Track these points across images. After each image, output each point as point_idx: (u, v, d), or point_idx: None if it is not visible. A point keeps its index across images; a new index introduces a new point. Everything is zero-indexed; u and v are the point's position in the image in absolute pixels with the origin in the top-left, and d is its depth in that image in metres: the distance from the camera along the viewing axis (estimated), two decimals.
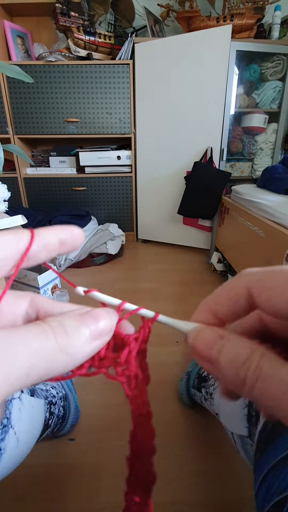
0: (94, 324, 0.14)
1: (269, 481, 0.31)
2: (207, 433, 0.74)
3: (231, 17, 1.65)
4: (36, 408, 0.55)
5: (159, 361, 0.99)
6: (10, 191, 1.06)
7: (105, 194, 2.05)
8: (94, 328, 0.14)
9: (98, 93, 1.80)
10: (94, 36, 1.72)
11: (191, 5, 1.70)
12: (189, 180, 1.73)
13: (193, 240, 1.99)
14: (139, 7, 1.79)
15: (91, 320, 0.14)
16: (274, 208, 1.08)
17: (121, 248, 1.90)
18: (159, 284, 1.53)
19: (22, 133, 1.88)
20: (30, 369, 0.11)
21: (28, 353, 0.11)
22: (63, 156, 2.00)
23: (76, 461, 0.68)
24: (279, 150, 1.88)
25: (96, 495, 0.62)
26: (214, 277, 1.61)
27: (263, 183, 1.41)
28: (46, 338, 0.12)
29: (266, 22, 1.78)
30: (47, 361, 0.12)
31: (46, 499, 0.61)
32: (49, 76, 1.75)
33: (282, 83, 1.71)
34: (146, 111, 1.82)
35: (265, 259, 1.07)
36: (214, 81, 1.61)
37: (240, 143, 1.88)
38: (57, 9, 1.59)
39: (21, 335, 0.12)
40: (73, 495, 0.62)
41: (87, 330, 0.13)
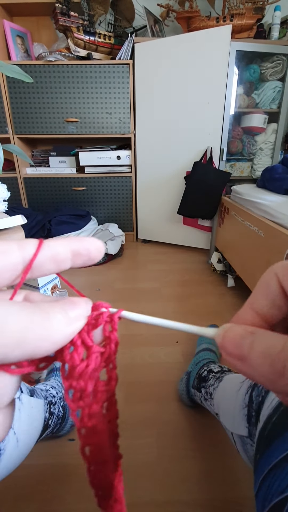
0: (71, 306, 0.14)
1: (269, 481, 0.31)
2: (207, 433, 0.74)
3: (231, 17, 1.65)
4: (36, 408, 0.55)
5: (159, 361, 0.99)
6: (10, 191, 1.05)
7: (105, 194, 2.05)
8: (70, 310, 0.14)
9: (98, 93, 1.80)
10: (94, 36, 1.72)
11: (191, 5, 1.70)
12: (189, 180, 1.73)
13: (193, 240, 1.99)
14: (139, 7, 1.79)
15: (68, 303, 0.14)
16: (274, 208, 1.08)
17: (121, 248, 1.90)
18: (159, 284, 1.53)
19: (22, 133, 1.88)
20: (20, 342, 0.12)
21: (21, 326, 0.12)
22: (63, 156, 2.00)
23: (76, 461, 0.68)
24: (279, 150, 1.88)
25: None
26: (214, 277, 1.61)
27: (263, 183, 1.41)
28: (25, 313, 0.12)
29: (266, 22, 1.78)
30: (22, 333, 0.12)
31: (46, 499, 0.61)
32: (49, 76, 1.75)
33: (282, 83, 1.71)
34: (146, 111, 1.82)
35: (265, 259, 1.07)
36: (214, 81, 1.61)
37: (240, 143, 1.88)
38: (57, 9, 1.59)
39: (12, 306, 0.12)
40: (73, 495, 0.62)
41: (63, 310, 0.14)
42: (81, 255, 0.16)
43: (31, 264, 0.14)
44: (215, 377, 0.70)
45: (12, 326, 0.11)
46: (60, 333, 0.13)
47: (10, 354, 0.12)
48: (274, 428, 0.35)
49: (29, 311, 0.12)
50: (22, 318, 0.12)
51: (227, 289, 1.47)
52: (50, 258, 0.15)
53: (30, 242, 0.15)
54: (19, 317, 0.12)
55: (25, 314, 0.12)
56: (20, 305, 0.12)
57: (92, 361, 0.14)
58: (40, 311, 0.13)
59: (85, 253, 0.16)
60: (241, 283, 1.35)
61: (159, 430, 0.76)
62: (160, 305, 1.34)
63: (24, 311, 0.12)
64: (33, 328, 0.12)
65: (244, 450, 0.48)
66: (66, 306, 0.14)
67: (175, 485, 0.64)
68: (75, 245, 0.15)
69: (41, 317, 0.12)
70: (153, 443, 0.72)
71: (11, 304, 0.12)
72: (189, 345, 1.05)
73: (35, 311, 0.13)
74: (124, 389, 0.87)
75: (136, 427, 0.76)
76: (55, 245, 0.15)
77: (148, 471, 0.66)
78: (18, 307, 0.12)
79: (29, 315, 0.12)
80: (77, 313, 0.14)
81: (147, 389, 0.88)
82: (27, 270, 0.14)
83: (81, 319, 0.14)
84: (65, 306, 0.14)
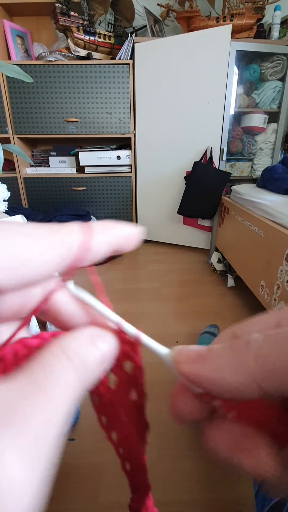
0: (104, 345, 0.13)
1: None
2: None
3: (231, 17, 1.65)
4: None
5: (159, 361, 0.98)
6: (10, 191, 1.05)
7: (105, 194, 2.05)
8: (105, 351, 0.13)
9: (98, 93, 1.80)
10: (94, 36, 1.72)
11: (191, 5, 1.70)
12: (189, 180, 1.73)
13: (193, 240, 1.99)
14: (139, 7, 1.79)
15: (101, 342, 0.13)
16: (274, 208, 1.08)
17: None
18: (159, 284, 1.53)
19: (22, 133, 1.88)
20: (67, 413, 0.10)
21: (60, 405, 0.10)
22: (63, 156, 2.00)
23: (76, 461, 0.68)
24: (279, 150, 1.88)
25: (96, 495, 0.62)
26: (214, 277, 1.61)
27: (263, 183, 1.41)
28: (69, 378, 0.11)
29: (266, 22, 1.78)
30: (71, 401, 0.11)
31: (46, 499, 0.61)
32: (49, 76, 1.75)
33: (282, 83, 1.71)
34: (146, 111, 1.82)
35: (265, 259, 1.07)
36: (214, 81, 1.61)
37: (240, 143, 1.88)
38: (57, 8, 1.59)
39: (47, 389, 0.10)
40: (73, 495, 0.62)
41: (98, 354, 0.12)
42: (124, 244, 0.14)
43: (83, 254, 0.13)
44: None
45: None
46: (91, 380, 0.12)
47: None
48: None
49: None
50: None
51: (227, 289, 1.47)
52: (106, 249, 0.14)
53: (73, 233, 0.13)
54: None
55: None
56: None
57: (121, 390, 0.14)
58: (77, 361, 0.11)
59: (125, 245, 0.14)
60: (241, 283, 1.35)
61: (159, 430, 0.76)
62: (160, 305, 1.34)
63: None
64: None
65: None
66: (97, 341, 0.13)
67: (175, 485, 0.64)
68: (122, 235, 0.14)
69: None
70: (153, 443, 0.72)
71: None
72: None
73: None
74: None
75: None
76: (100, 241, 0.13)
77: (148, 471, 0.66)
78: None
79: None
80: (108, 348, 0.13)
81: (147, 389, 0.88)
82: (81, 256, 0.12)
83: (112, 356, 0.13)
84: (96, 342, 0.13)
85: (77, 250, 0.12)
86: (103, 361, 0.12)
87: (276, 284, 0.97)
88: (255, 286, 1.15)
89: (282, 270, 0.94)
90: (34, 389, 0.10)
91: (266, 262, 1.06)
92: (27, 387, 0.10)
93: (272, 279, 1.00)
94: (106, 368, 0.13)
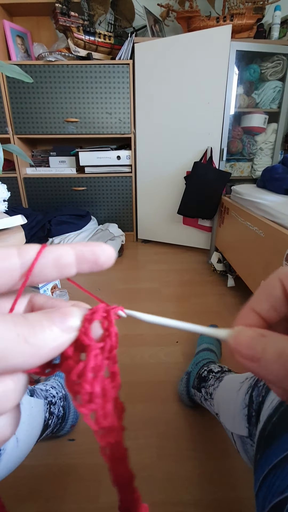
0: (60, 318, 0.13)
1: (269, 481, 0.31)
2: (207, 433, 0.74)
3: (231, 17, 1.65)
4: (36, 408, 0.55)
5: (159, 361, 0.99)
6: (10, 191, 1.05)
7: (105, 194, 2.05)
8: (59, 323, 0.13)
9: (98, 93, 1.80)
10: (94, 36, 1.72)
11: (191, 5, 1.70)
12: (189, 180, 1.73)
13: (193, 240, 1.99)
14: (139, 7, 1.79)
15: (58, 315, 0.13)
16: (274, 208, 1.08)
17: (121, 248, 1.90)
18: (158, 284, 1.53)
19: (22, 133, 1.88)
20: (1, 357, 0.11)
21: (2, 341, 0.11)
22: (63, 156, 2.00)
23: (76, 461, 0.68)
24: (279, 150, 1.88)
25: (96, 495, 0.62)
26: (214, 277, 1.61)
27: (263, 183, 1.41)
28: (5, 327, 0.12)
29: (266, 22, 1.78)
30: (18, 352, 0.12)
31: (46, 499, 0.61)
32: (49, 76, 1.75)
33: (282, 83, 1.71)
34: (146, 111, 1.82)
35: (265, 259, 1.07)
36: (214, 81, 1.61)
37: (240, 143, 1.88)
38: (57, 9, 1.59)
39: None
40: (73, 495, 0.62)
41: (51, 324, 0.13)
42: (87, 260, 0.15)
43: (31, 270, 0.14)
44: (215, 377, 0.70)
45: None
46: (46, 348, 0.12)
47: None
48: (274, 428, 0.35)
49: (12, 324, 0.12)
50: (3, 332, 0.11)
51: (227, 289, 1.47)
52: (52, 263, 0.14)
53: (31, 247, 0.14)
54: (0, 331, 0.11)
55: (6, 328, 0.12)
56: (2, 318, 0.12)
57: (91, 359, 0.14)
58: (26, 324, 0.12)
59: (91, 258, 0.15)
60: (241, 283, 1.35)
61: (159, 430, 0.76)
62: (160, 305, 1.34)
63: (6, 325, 0.12)
64: (17, 342, 0.12)
65: (244, 450, 0.48)
66: (55, 318, 0.13)
67: (175, 485, 0.64)
68: (79, 249, 0.15)
69: (27, 331, 0.12)
70: (153, 443, 0.72)
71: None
72: (189, 345, 1.05)
73: (20, 323, 0.12)
74: (124, 389, 0.87)
75: (136, 427, 0.76)
76: (56, 249, 0.14)
77: (148, 471, 0.66)
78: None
79: (12, 329, 0.12)
80: (67, 325, 0.13)
81: (147, 389, 0.88)
82: (27, 276, 0.14)
83: (71, 332, 0.14)
84: (54, 318, 0.13)
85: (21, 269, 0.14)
86: (61, 331, 0.13)
87: None
88: (255, 286, 1.15)
89: None
90: None
91: (266, 262, 1.06)
92: None
93: None
94: (68, 338, 0.13)
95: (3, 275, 0.14)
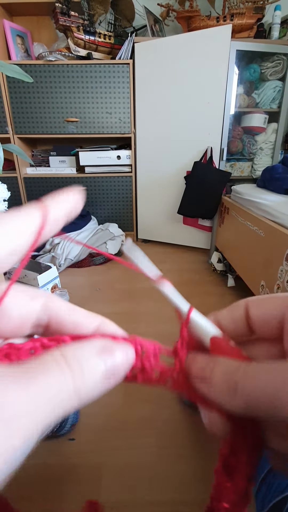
0: (111, 360, 0.12)
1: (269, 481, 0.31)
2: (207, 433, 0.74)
3: (231, 16, 1.64)
4: None
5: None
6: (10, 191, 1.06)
7: (105, 194, 2.05)
8: (110, 365, 0.12)
9: (98, 92, 1.80)
10: (94, 35, 1.72)
11: (191, 5, 1.69)
12: (189, 180, 1.73)
13: (193, 240, 1.99)
14: (139, 6, 1.79)
15: (108, 355, 0.12)
16: (274, 208, 1.08)
17: (121, 248, 1.90)
18: None
19: (22, 133, 1.88)
20: (45, 419, 0.09)
21: (46, 400, 0.09)
22: (63, 156, 2.00)
23: (76, 461, 0.68)
24: (279, 150, 1.88)
25: (96, 495, 0.62)
26: (214, 277, 1.61)
27: (263, 183, 1.41)
28: (64, 380, 0.10)
29: (266, 22, 1.78)
30: (61, 407, 0.10)
31: (46, 499, 0.61)
32: (49, 76, 1.75)
33: (282, 83, 1.71)
34: (146, 111, 1.81)
35: (265, 259, 1.06)
36: (214, 81, 1.61)
37: (240, 143, 1.88)
38: (57, 8, 1.59)
39: (37, 378, 0.10)
40: (73, 495, 0.62)
41: (104, 367, 0.12)
42: (71, 214, 0.15)
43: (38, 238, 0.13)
44: None
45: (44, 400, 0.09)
46: (90, 397, 0.11)
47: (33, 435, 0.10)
48: None
49: (70, 376, 0.10)
50: (61, 386, 0.10)
51: (227, 289, 1.47)
52: (54, 224, 0.14)
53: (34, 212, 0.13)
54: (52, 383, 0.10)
55: (63, 380, 0.10)
56: (53, 366, 0.10)
57: None
58: (82, 375, 0.11)
59: (74, 210, 0.15)
60: (241, 283, 1.35)
61: (159, 430, 0.76)
62: (160, 305, 1.34)
63: (63, 375, 0.10)
64: (72, 399, 0.10)
65: None
66: (104, 355, 0.12)
67: (175, 484, 0.64)
68: (65, 206, 0.14)
69: (82, 383, 0.10)
70: (153, 443, 0.72)
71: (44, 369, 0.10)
72: None
73: (74, 373, 0.10)
74: (124, 389, 0.87)
75: (136, 427, 0.76)
76: (55, 211, 0.14)
77: (148, 471, 0.66)
78: (51, 373, 0.10)
79: (70, 382, 0.10)
80: (119, 372, 0.12)
81: (147, 389, 0.88)
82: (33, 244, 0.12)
83: (121, 376, 0.12)
84: (103, 355, 0.12)
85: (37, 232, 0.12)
86: (109, 376, 0.12)
87: (276, 284, 0.97)
88: (255, 286, 1.15)
89: (282, 270, 0.94)
90: (24, 375, 0.09)
91: (266, 262, 1.06)
92: (17, 372, 0.09)
93: (272, 279, 1.00)
94: (114, 383, 0.12)
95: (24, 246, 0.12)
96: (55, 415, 0.10)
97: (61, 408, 0.10)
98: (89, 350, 0.12)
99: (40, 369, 0.10)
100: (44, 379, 0.10)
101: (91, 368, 0.11)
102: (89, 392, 0.11)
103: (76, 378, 0.10)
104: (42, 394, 0.09)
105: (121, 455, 0.69)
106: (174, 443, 0.72)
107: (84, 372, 0.11)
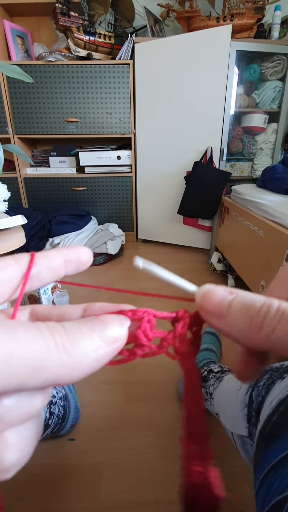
0: (101, 327, 0.13)
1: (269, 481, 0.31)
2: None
3: (231, 17, 1.65)
4: None
5: (159, 361, 0.99)
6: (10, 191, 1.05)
7: (105, 194, 2.05)
8: (100, 331, 0.12)
9: (98, 93, 1.80)
10: (94, 36, 1.72)
11: (191, 5, 1.70)
12: (189, 180, 1.73)
13: (193, 240, 1.99)
14: (139, 7, 1.79)
15: (98, 323, 0.13)
16: (274, 208, 1.08)
17: (121, 248, 1.90)
18: (158, 284, 1.52)
19: (22, 133, 1.88)
20: (35, 372, 0.10)
21: (21, 355, 0.10)
22: (63, 156, 2.00)
23: (76, 461, 0.68)
24: (279, 150, 1.88)
25: (96, 495, 0.62)
26: (214, 277, 1.61)
27: (263, 183, 1.41)
28: (40, 336, 0.11)
29: (266, 22, 1.78)
30: (37, 360, 0.10)
31: (46, 499, 0.61)
32: (49, 76, 1.75)
33: (282, 83, 1.71)
34: (146, 111, 1.82)
35: (265, 259, 1.06)
36: (214, 81, 1.61)
37: (240, 143, 1.88)
38: (57, 9, 1.59)
39: (8, 328, 0.10)
40: (73, 495, 0.62)
41: (91, 332, 0.12)
42: (72, 260, 0.16)
43: (28, 273, 0.15)
44: (215, 377, 0.70)
45: (19, 355, 0.10)
46: (87, 359, 0.11)
47: (27, 382, 0.10)
48: (274, 428, 0.35)
49: (48, 333, 0.11)
50: (39, 342, 0.10)
51: None
52: (46, 267, 0.15)
53: (23, 255, 0.15)
54: (28, 342, 0.10)
55: (42, 337, 0.11)
56: (36, 327, 0.11)
57: None
58: (64, 333, 0.11)
59: (75, 258, 0.17)
60: (241, 283, 1.34)
61: (159, 430, 0.76)
62: (160, 305, 1.34)
63: (41, 333, 0.11)
64: (56, 352, 0.11)
65: (244, 450, 0.48)
66: (95, 327, 0.12)
67: (175, 485, 0.64)
68: (64, 252, 0.16)
69: (66, 339, 0.11)
70: (153, 443, 0.72)
71: (14, 326, 0.11)
72: None
73: (57, 332, 0.11)
74: (124, 389, 0.87)
75: (136, 427, 0.76)
76: (46, 254, 0.16)
77: (148, 471, 0.66)
78: (23, 330, 0.11)
79: (49, 338, 0.11)
80: (108, 335, 0.13)
81: (147, 389, 0.88)
82: (25, 279, 0.15)
83: (117, 341, 0.13)
84: (94, 327, 0.12)
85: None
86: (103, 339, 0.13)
87: None
88: (255, 286, 1.15)
89: None
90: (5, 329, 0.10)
91: (266, 262, 1.06)
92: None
93: (272, 279, 0.99)
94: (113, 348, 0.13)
95: (7, 283, 0.14)
96: (36, 375, 0.10)
97: (44, 368, 0.10)
98: (74, 320, 0.13)
99: (21, 327, 0.11)
100: (23, 335, 0.10)
101: (75, 329, 0.12)
102: (80, 350, 0.11)
103: (56, 336, 0.11)
104: (19, 348, 0.10)
105: (121, 455, 0.69)
106: (174, 443, 0.72)
107: (67, 332, 0.11)
